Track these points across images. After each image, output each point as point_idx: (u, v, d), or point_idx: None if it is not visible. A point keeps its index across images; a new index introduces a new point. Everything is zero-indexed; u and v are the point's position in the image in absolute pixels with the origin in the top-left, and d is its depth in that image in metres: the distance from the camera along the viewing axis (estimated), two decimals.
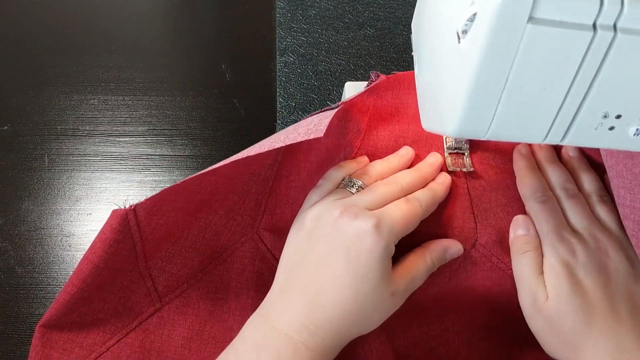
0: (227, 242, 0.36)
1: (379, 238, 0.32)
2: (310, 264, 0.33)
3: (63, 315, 0.35)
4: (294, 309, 0.32)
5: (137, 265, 0.37)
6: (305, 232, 0.35)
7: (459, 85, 0.25)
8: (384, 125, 0.42)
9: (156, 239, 0.37)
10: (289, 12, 0.55)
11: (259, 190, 0.40)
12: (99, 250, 0.34)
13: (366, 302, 0.32)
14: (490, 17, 0.22)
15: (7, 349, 0.45)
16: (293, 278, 0.34)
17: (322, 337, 0.32)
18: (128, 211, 0.35)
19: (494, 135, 0.27)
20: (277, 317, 0.33)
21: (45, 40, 0.56)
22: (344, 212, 0.33)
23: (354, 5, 0.55)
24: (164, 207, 0.36)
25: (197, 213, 0.39)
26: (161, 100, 0.54)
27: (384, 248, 0.32)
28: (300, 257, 0.34)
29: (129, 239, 0.35)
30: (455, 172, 0.39)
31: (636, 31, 0.22)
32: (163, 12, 0.59)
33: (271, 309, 0.34)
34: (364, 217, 0.33)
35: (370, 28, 0.54)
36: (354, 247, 0.32)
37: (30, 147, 0.52)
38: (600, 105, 0.25)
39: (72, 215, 0.49)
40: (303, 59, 0.53)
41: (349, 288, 0.32)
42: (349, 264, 0.32)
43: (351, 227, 0.32)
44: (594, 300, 0.33)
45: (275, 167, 0.41)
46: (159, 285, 0.38)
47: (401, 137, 0.41)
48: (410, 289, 0.35)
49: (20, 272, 0.47)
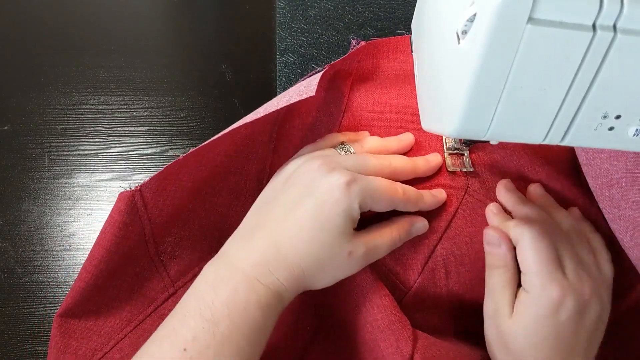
0: (234, 223, 0.37)
1: (347, 194, 0.32)
2: (279, 205, 0.34)
3: (79, 304, 0.36)
4: (253, 247, 0.33)
5: (147, 251, 0.37)
6: (284, 176, 0.36)
7: (458, 86, 0.25)
8: (367, 90, 0.42)
9: (163, 222, 0.37)
10: (289, 12, 0.55)
11: (259, 169, 0.41)
12: (108, 234, 0.35)
13: (322, 251, 0.33)
14: (490, 17, 0.22)
15: (7, 349, 0.45)
16: (260, 217, 0.35)
17: (276, 276, 0.32)
18: (134, 192, 0.35)
19: (493, 136, 0.27)
20: (235, 254, 0.33)
21: (45, 40, 0.56)
22: (322, 164, 0.34)
23: (354, 5, 0.55)
24: (168, 186, 0.36)
25: (201, 195, 0.39)
26: (161, 100, 0.54)
27: (348, 206, 0.33)
28: (272, 198, 0.35)
29: (137, 221, 0.36)
30: (455, 172, 0.39)
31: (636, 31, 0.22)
32: (163, 12, 0.59)
33: (231, 247, 0.34)
34: (338, 172, 0.33)
35: (370, 28, 0.54)
36: (323, 197, 0.33)
37: (30, 147, 0.52)
38: (599, 106, 0.25)
39: (72, 215, 0.49)
40: (303, 59, 0.53)
41: (307, 233, 0.32)
42: (314, 211, 0.33)
43: (325, 178, 0.33)
44: (565, 337, 0.34)
45: (271, 144, 0.41)
46: (171, 270, 0.39)
47: (387, 104, 0.42)
48: (371, 257, 0.35)
49: (20, 272, 0.47)
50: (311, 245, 0.32)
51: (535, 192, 0.40)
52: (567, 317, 0.33)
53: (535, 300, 0.34)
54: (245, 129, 0.36)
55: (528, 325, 0.34)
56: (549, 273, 0.34)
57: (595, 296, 0.35)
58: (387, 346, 0.35)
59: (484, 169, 0.40)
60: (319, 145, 0.39)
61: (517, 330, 0.34)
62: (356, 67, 0.43)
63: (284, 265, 0.32)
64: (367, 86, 0.43)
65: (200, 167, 0.37)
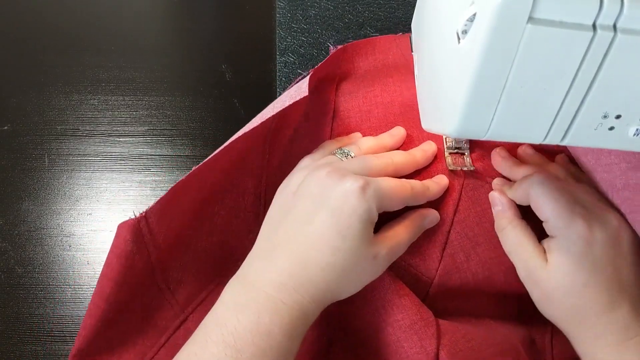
0: (236, 242, 0.36)
1: (363, 199, 0.32)
2: (294, 221, 0.33)
3: (92, 343, 0.35)
4: (274, 267, 0.32)
5: (154, 279, 0.37)
6: (290, 190, 0.35)
7: (458, 86, 0.25)
8: (351, 92, 0.43)
9: (168, 248, 0.37)
10: (289, 12, 0.55)
11: (255, 184, 0.40)
12: (116, 265, 0.34)
13: (347, 261, 0.32)
14: (490, 17, 0.22)
15: (7, 349, 0.45)
16: (275, 235, 0.34)
17: (301, 294, 0.31)
18: (140, 219, 0.34)
19: (494, 135, 0.27)
20: (257, 277, 0.32)
21: (45, 40, 0.56)
22: (331, 172, 0.33)
23: (354, 5, 0.55)
24: (170, 210, 0.36)
25: (201, 217, 0.39)
26: (161, 100, 0.54)
27: (367, 210, 0.32)
28: (283, 214, 0.34)
29: (143, 249, 0.35)
30: (455, 171, 0.39)
31: (636, 31, 0.22)
32: (163, 12, 0.59)
33: (250, 269, 0.33)
34: (350, 178, 0.33)
35: (370, 28, 0.54)
36: (338, 205, 0.32)
37: (30, 147, 0.52)
38: (600, 106, 0.25)
39: (72, 215, 0.49)
40: (303, 59, 0.53)
41: (330, 244, 0.32)
42: (332, 221, 0.32)
43: (337, 186, 0.32)
44: (605, 275, 0.32)
45: (265, 157, 0.41)
46: (179, 297, 0.38)
47: (373, 101, 0.42)
48: (393, 256, 0.35)
49: (20, 272, 0.47)
50: (334, 256, 0.31)
51: (525, 152, 0.40)
52: (601, 249, 0.32)
53: (565, 242, 0.33)
54: (239, 143, 0.35)
55: (565, 270, 0.32)
56: (569, 211, 0.33)
57: (624, 224, 0.33)
58: (411, 346, 0.34)
59: (484, 168, 0.40)
60: (317, 155, 0.38)
61: (556, 279, 0.33)
62: (338, 72, 0.43)
63: (308, 281, 0.31)
64: (350, 88, 0.43)
65: (198, 187, 0.37)
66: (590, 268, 0.32)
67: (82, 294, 0.46)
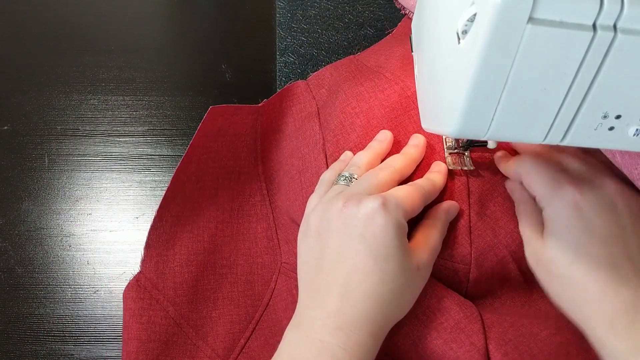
0: (262, 286, 0.36)
1: (389, 215, 0.31)
2: (329, 262, 0.32)
3: None
4: (324, 312, 0.31)
5: (187, 336, 0.37)
6: (313, 233, 0.34)
7: (459, 86, 0.25)
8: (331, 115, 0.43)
9: (188, 302, 0.37)
10: (289, 12, 0.55)
11: (266, 227, 0.41)
12: (134, 323, 0.35)
13: (395, 282, 0.31)
14: (490, 17, 0.22)
15: (7, 349, 0.45)
16: (315, 282, 0.33)
17: (358, 334, 0.30)
18: (138, 276, 0.35)
19: (493, 136, 0.27)
20: (309, 325, 0.31)
21: (45, 40, 0.56)
22: (347, 202, 0.33)
23: (354, 5, 0.55)
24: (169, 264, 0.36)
25: (217, 270, 0.39)
26: (161, 100, 0.54)
27: (396, 224, 0.31)
28: (315, 259, 0.33)
29: (154, 304, 0.35)
30: (455, 170, 0.39)
31: (636, 31, 0.22)
32: (163, 12, 0.59)
33: (302, 319, 0.32)
34: (368, 199, 0.32)
35: (370, 28, 0.54)
36: (368, 230, 0.31)
37: (30, 147, 0.52)
38: (600, 106, 0.25)
39: (72, 215, 0.49)
40: (303, 59, 0.53)
41: (374, 273, 0.31)
42: (368, 248, 0.31)
43: (359, 212, 0.32)
44: (606, 240, 0.29)
45: (267, 199, 0.41)
46: (218, 349, 0.38)
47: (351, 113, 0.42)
48: (433, 259, 0.34)
49: (20, 272, 0.47)
50: (383, 282, 0.31)
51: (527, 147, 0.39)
52: (594, 213, 0.30)
53: (554, 211, 0.31)
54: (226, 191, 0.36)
55: (560, 239, 0.30)
56: (555, 179, 0.32)
57: (619, 186, 0.31)
58: (460, 346, 0.34)
59: (484, 167, 0.40)
60: (321, 190, 0.37)
61: (552, 250, 0.31)
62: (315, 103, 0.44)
63: (364, 319, 0.30)
64: (328, 111, 0.44)
65: (195, 238, 0.37)
66: (583, 236, 0.29)
67: (82, 294, 0.46)
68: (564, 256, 0.30)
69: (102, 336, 0.45)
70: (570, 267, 0.30)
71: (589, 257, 0.29)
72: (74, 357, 0.45)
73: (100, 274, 0.47)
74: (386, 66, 0.45)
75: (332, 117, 0.43)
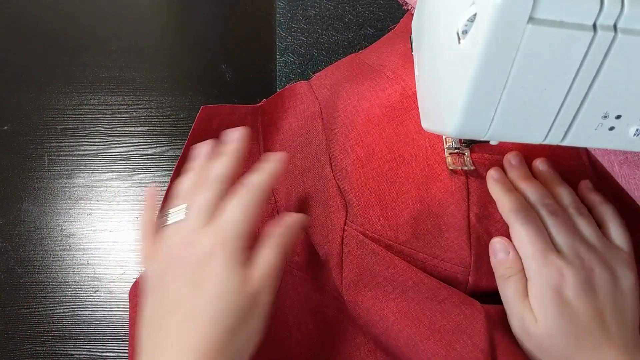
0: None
1: (226, 255, 0.31)
2: (170, 320, 0.31)
3: None
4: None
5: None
6: (154, 295, 0.32)
7: (459, 86, 0.25)
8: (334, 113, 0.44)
9: None
10: (289, 12, 0.55)
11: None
12: None
13: (231, 318, 0.30)
14: (490, 17, 0.22)
15: (7, 349, 0.45)
16: (153, 337, 0.31)
17: None
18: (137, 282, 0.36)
19: (494, 136, 0.27)
20: None
21: (45, 40, 0.56)
22: (182, 247, 0.32)
23: (354, 5, 0.55)
24: None
25: None
26: (161, 100, 0.54)
27: (233, 263, 0.31)
28: (155, 313, 0.32)
29: None
30: (456, 170, 0.39)
31: (636, 31, 0.22)
32: (163, 12, 0.59)
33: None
34: (203, 240, 0.31)
35: (370, 28, 0.54)
36: (204, 275, 0.30)
37: (30, 147, 0.52)
38: (600, 106, 0.25)
39: (72, 215, 0.49)
40: (303, 59, 0.53)
41: (205, 315, 0.29)
42: (201, 293, 0.30)
43: (194, 256, 0.31)
44: (584, 321, 0.32)
45: (272, 199, 0.44)
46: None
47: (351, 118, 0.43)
48: (274, 280, 0.33)
49: (20, 272, 0.47)
50: (215, 322, 0.29)
51: (538, 167, 0.40)
52: (575, 295, 0.32)
53: (539, 286, 0.33)
54: None
55: (547, 317, 0.32)
56: (543, 254, 0.33)
57: (603, 268, 0.33)
58: (463, 346, 0.34)
59: (485, 167, 0.40)
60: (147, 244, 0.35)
61: (543, 330, 0.33)
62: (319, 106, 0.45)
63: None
64: (329, 110, 0.44)
65: None
66: (566, 317, 0.32)
67: (82, 294, 0.46)
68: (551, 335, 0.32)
69: (102, 336, 0.45)
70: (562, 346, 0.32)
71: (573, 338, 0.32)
72: (74, 357, 0.45)
73: (100, 274, 0.47)
74: (387, 64, 0.45)
75: (334, 116, 0.43)
